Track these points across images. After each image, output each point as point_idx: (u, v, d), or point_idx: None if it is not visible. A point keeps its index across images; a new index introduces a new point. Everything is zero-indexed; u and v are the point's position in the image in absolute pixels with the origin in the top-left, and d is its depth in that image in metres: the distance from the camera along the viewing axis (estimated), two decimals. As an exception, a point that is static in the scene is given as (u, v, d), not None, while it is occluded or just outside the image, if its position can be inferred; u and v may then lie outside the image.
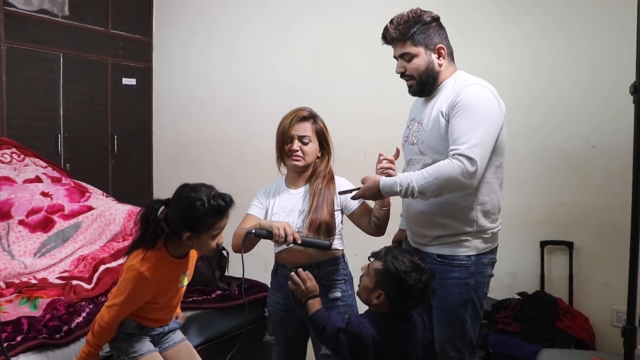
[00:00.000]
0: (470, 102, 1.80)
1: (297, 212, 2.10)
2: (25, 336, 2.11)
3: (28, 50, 3.61)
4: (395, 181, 1.83)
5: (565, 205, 2.99)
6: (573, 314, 2.82)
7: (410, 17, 1.93)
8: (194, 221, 1.75)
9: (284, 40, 3.86)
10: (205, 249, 1.85)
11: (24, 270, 2.76)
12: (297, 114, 2.13)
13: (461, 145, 1.74)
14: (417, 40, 1.92)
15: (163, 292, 1.87)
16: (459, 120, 1.79)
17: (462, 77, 1.96)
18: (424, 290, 1.71)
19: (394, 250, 1.81)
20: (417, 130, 1.99)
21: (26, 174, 3.20)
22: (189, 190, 1.80)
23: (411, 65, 1.95)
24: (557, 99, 2.99)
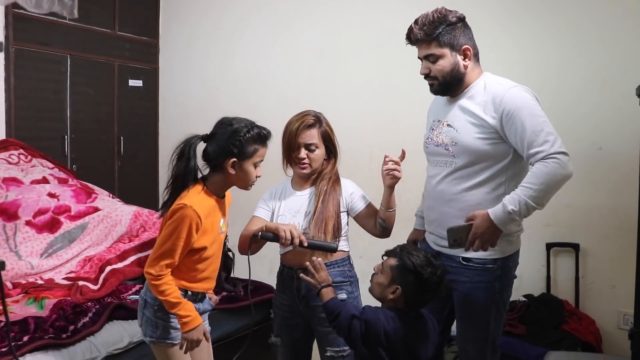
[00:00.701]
0: (521, 104, 1.80)
1: (303, 213, 2.11)
2: (32, 336, 2.13)
3: (36, 52, 3.62)
4: (505, 207, 1.74)
5: (571, 207, 2.97)
6: (579, 316, 2.81)
7: (435, 17, 1.88)
8: (240, 145, 1.81)
9: (289, 42, 3.87)
10: (248, 179, 1.88)
11: (30, 271, 2.78)
12: (304, 122, 2.11)
13: (543, 146, 1.75)
14: (442, 41, 1.88)
15: (208, 233, 1.87)
16: (521, 124, 1.77)
17: (492, 79, 1.94)
18: (438, 284, 1.76)
19: (408, 247, 1.88)
20: (446, 132, 1.95)
21: (33, 175, 3.21)
22: (231, 119, 1.88)
23: (436, 67, 1.91)
24: (563, 101, 2.97)
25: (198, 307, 1.95)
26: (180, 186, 1.84)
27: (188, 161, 1.83)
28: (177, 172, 1.85)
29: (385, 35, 3.48)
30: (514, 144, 1.82)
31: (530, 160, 1.78)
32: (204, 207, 1.83)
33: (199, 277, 1.92)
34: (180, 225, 1.78)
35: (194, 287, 1.92)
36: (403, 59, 3.44)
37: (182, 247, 1.80)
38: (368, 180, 3.37)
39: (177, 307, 1.81)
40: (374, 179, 3.49)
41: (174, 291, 1.82)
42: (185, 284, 1.90)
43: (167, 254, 1.80)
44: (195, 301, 1.94)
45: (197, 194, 1.84)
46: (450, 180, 1.94)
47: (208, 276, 1.96)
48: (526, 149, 1.78)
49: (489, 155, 1.87)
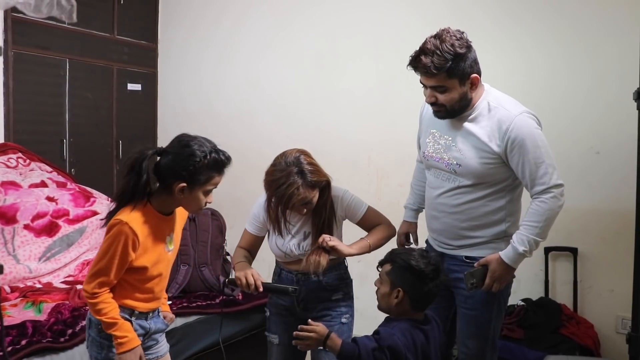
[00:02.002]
0: (526, 135, 1.86)
1: (302, 234, 2.11)
2: (29, 340, 2.12)
3: (35, 55, 3.62)
4: (517, 250, 1.87)
5: (569, 212, 2.92)
6: (577, 320, 2.81)
7: (445, 49, 1.82)
8: (193, 171, 1.68)
9: (287, 46, 3.87)
10: (195, 205, 1.77)
11: (28, 275, 2.78)
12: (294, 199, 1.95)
13: (543, 178, 1.88)
14: (452, 74, 1.85)
15: (150, 252, 1.75)
16: (524, 155, 1.86)
17: (495, 99, 1.95)
18: (436, 271, 1.74)
19: (396, 249, 1.89)
20: (449, 151, 1.98)
21: (32, 178, 3.20)
22: (190, 138, 1.74)
23: (444, 97, 1.90)
24: (560, 104, 2.99)
25: (149, 326, 1.86)
26: (126, 201, 1.72)
27: (138, 177, 1.68)
28: (125, 187, 1.72)
29: (384, 38, 3.50)
30: (515, 170, 1.91)
31: (530, 190, 1.91)
32: (144, 224, 1.71)
33: (144, 297, 1.81)
34: (114, 242, 1.67)
35: (138, 306, 1.81)
36: (401, 63, 3.45)
37: (117, 265, 1.68)
38: (366, 184, 3.39)
39: (113, 327, 1.70)
40: (372, 183, 3.52)
41: (111, 310, 1.70)
42: (131, 302, 1.78)
43: (102, 272, 1.69)
44: (147, 319, 1.85)
45: (138, 211, 1.70)
46: (453, 194, 2.00)
47: (154, 297, 1.84)
48: (528, 180, 1.90)
49: (492, 177, 1.95)
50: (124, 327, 1.72)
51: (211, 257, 2.84)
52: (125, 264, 1.70)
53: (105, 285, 1.70)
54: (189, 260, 2.82)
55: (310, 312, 2.15)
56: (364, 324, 3.28)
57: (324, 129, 3.71)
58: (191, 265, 2.81)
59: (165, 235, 1.81)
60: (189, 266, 2.81)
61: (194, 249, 2.84)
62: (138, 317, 1.82)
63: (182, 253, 2.82)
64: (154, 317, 1.88)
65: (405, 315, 1.76)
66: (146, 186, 1.70)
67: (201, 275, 2.81)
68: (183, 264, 2.81)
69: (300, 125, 3.79)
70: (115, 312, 1.72)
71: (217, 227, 2.93)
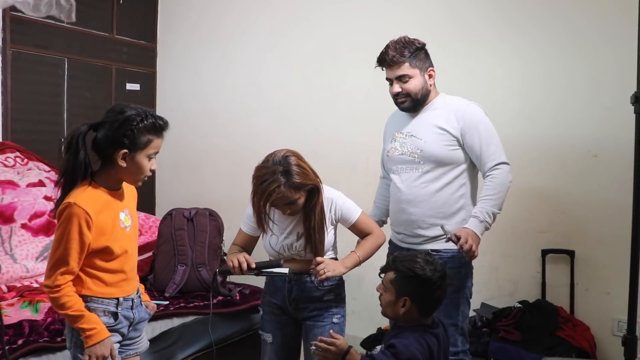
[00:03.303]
0: (478, 119, 2.19)
1: (295, 234, 2.13)
2: (26, 339, 2.13)
3: (33, 55, 3.62)
4: (480, 220, 2.08)
5: (566, 214, 2.99)
6: (574, 322, 2.82)
7: (405, 41, 2.20)
8: (131, 135, 1.67)
9: (287, 46, 3.87)
10: (140, 172, 1.74)
11: (25, 274, 2.78)
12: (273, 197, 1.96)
13: (495, 156, 2.16)
14: (413, 63, 2.20)
15: (107, 231, 1.71)
16: (479, 138, 2.16)
17: (448, 97, 2.29)
18: (442, 278, 1.72)
19: (399, 256, 1.84)
20: (410, 142, 2.25)
21: (29, 178, 3.21)
22: (123, 105, 1.73)
23: (408, 86, 2.21)
24: (558, 108, 3.00)
25: (132, 316, 1.84)
26: (70, 182, 1.69)
27: (77, 153, 1.67)
28: (66, 166, 1.69)
29: (383, 41, 3.49)
30: (469, 151, 2.19)
31: (483, 168, 2.18)
32: (93, 202, 1.67)
33: (117, 279, 1.77)
34: (67, 226, 1.63)
35: (117, 292, 1.78)
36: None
37: (77, 250, 1.64)
38: (364, 187, 3.40)
39: (80, 320, 1.66)
40: (370, 185, 3.52)
41: (75, 303, 1.66)
42: (109, 290, 1.76)
43: (61, 261, 1.64)
44: (132, 308, 1.83)
45: (84, 191, 1.68)
46: (419, 184, 2.23)
47: (126, 277, 1.81)
48: (480, 157, 2.17)
49: (451, 160, 2.20)
50: (91, 319, 1.69)
51: (209, 257, 2.85)
52: (84, 247, 1.66)
53: (67, 275, 1.66)
54: (187, 260, 2.83)
55: (302, 311, 2.18)
56: (361, 325, 3.31)
57: (323, 132, 3.71)
58: (189, 265, 2.82)
59: (118, 212, 1.77)
60: (186, 266, 2.82)
61: (192, 249, 2.85)
62: (123, 306, 1.80)
63: (179, 253, 2.83)
64: (136, 306, 1.86)
65: (414, 321, 1.74)
66: (86, 162, 1.69)
67: (199, 275, 2.81)
68: (181, 264, 2.82)
69: (298, 128, 3.79)
70: (80, 304, 1.68)
71: (215, 227, 2.93)
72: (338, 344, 1.68)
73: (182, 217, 2.93)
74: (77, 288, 1.72)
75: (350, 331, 2.52)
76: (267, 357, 2.25)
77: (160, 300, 2.68)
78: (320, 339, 1.71)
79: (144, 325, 1.95)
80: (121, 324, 1.81)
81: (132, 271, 1.86)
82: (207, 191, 4.16)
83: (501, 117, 3.11)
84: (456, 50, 3.26)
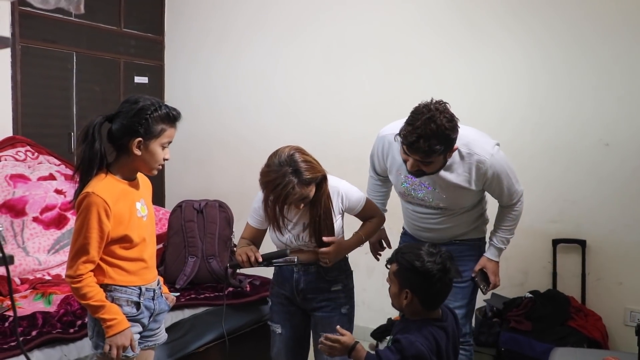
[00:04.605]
0: (500, 172, 2.12)
1: (301, 225, 2.13)
2: (40, 331, 2.15)
3: (42, 49, 3.63)
4: (500, 248, 2.28)
5: (577, 204, 2.98)
6: (586, 312, 2.81)
7: (440, 134, 1.89)
8: (146, 124, 1.72)
9: (296, 38, 3.87)
10: (154, 161, 1.78)
11: (38, 267, 2.81)
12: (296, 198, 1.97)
13: (514, 197, 2.22)
14: (439, 153, 1.95)
15: (125, 220, 1.76)
16: (501, 187, 2.16)
17: (464, 144, 2.06)
18: (443, 270, 1.68)
19: (403, 248, 1.84)
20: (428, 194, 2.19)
21: (40, 171, 3.23)
22: (137, 96, 1.78)
23: (428, 168, 2.01)
24: (569, 96, 2.98)
25: (153, 306, 1.87)
26: (86, 172, 1.73)
27: (92, 143, 1.71)
28: (82, 156, 1.73)
29: (392, 35, 3.49)
30: (490, 193, 2.25)
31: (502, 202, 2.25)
32: (110, 191, 1.72)
33: (137, 267, 1.82)
34: (87, 215, 1.67)
35: (137, 280, 1.81)
36: (409, 61, 3.45)
37: (97, 239, 1.68)
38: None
39: (101, 310, 1.70)
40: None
41: (96, 294, 1.70)
42: (131, 279, 1.80)
43: (82, 250, 1.68)
44: (153, 299, 1.87)
45: (101, 180, 1.72)
46: (438, 219, 2.25)
47: (146, 265, 1.85)
48: (502, 200, 2.24)
49: (472, 202, 2.25)
50: (112, 310, 1.73)
51: (219, 248, 2.85)
52: (103, 236, 1.70)
53: (88, 264, 1.70)
54: (197, 252, 2.83)
55: (310, 302, 2.19)
56: (371, 316, 3.31)
57: (331, 124, 3.71)
58: (199, 257, 2.83)
59: (134, 202, 1.81)
60: (197, 258, 2.82)
61: (202, 241, 2.85)
62: (145, 296, 1.84)
63: (189, 245, 2.84)
64: (157, 297, 1.90)
65: (419, 314, 1.73)
66: (101, 152, 1.73)
67: (209, 266, 2.82)
68: (191, 255, 2.82)
69: (306, 120, 3.79)
70: (101, 294, 1.72)
71: (224, 219, 2.93)
72: (343, 341, 1.68)
73: (191, 209, 2.93)
74: (99, 278, 1.75)
75: (360, 322, 2.56)
76: (276, 347, 2.27)
77: (171, 292, 2.69)
78: (326, 337, 1.72)
79: (163, 317, 1.98)
80: (143, 314, 1.84)
81: (152, 259, 1.90)
82: (216, 183, 4.18)
83: (511, 106, 3.13)
84: (464, 42, 3.24)
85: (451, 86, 3.27)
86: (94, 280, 1.73)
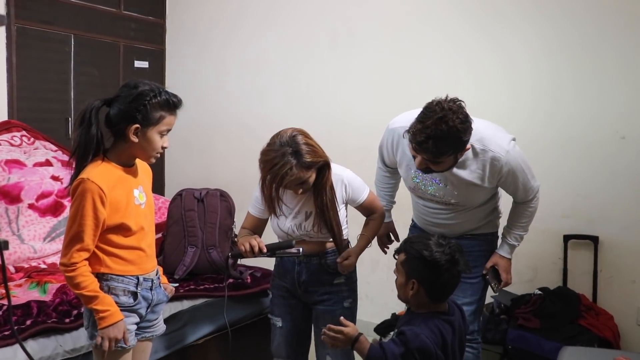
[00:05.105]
0: (516, 167, 2.09)
1: (304, 213, 2.13)
2: (34, 320, 2.16)
3: (39, 30, 3.63)
4: (513, 245, 2.28)
5: (590, 198, 2.96)
6: (597, 311, 2.81)
7: (451, 135, 1.84)
8: (144, 110, 1.71)
9: (301, 23, 3.85)
10: (152, 148, 1.77)
11: (33, 255, 2.82)
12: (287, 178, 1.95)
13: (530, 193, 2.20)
14: (449, 155, 1.92)
15: (121, 207, 1.76)
16: (516, 184, 2.14)
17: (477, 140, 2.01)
18: (452, 261, 1.69)
19: (412, 237, 1.86)
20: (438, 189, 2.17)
21: (36, 157, 3.24)
22: (137, 81, 1.76)
23: (436, 167, 1.97)
24: (584, 86, 2.95)
25: (151, 297, 1.87)
26: (82, 157, 1.73)
27: (89, 127, 1.71)
28: (78, 141, 1.72)
29: (400, 16, 3.47)
30: (504, 189, 2.23)
31: (517, 199, 2.24)
32: (106, 178, 1.72)
33: (135, 255, 1.82)
34: (81, 202, 1.67)
35: (134, 270, 1.81)
36: (419, 44, 3.42)
37: (92, 226, 1.68)
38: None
39: (94, 301, 1.70)
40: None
41: (91, 283, 1.70)
42: (130, 268, 1.80)
43: (76, 238, 1.68)
44: (151, 289, 1.87)
45: (97, 166, 1.72)
46: (449, 214, 2.24)
47: (144, 254, 1.85)
48: (517, 196, 2.22)
49: (486, 198, 2.23)
50: (106, 301, 1.73)
51: (219, 238, 2.86)
52: (99, 224, 1.70)
53: (83, 252, 1.70)
54: (197, 242, 2.84)
55: (312, 295, 2.20)
56: (375, 310, 3.32)
57: (337, 111, 3.70)
58: (199, 247, 2.83)
59: (132, 189, 1.81)
60: (196, 248, 2.83)
61: (202, 231, 2.86)
62: (143, 286, 1.84)
63: (189, 234, 2.84)
64: (155, 287, 1.90)
65: (425, 307, 1.74)
66: (98, 136, 1.72)
67: (209, 257, 2.82)
68: (191, 245, 2.83)
69: (312, 106, 3.79)
70: (95, 285, 1.72)
71: (225, 208, 2.94)
72: (346, 332, 1.68)
73: (192, 198, 2.93)
74: (96, 267, 1.75)
75: (363, 316, 2.54)
76: (276, 341, 2.28)
77: (170, 282, 2.70)
78: (329, 327, 1.72)
79: (161, 308, 1.99)
80: (140, 304, 1.85)
81: (150, 248, 1.89)
82: (218, 172, 4.18)
83: (524, 96, 3.10)
84: (478, 27, 3.23)
85: (461, 74, 3.26)
86: (89, 269, 1.73)
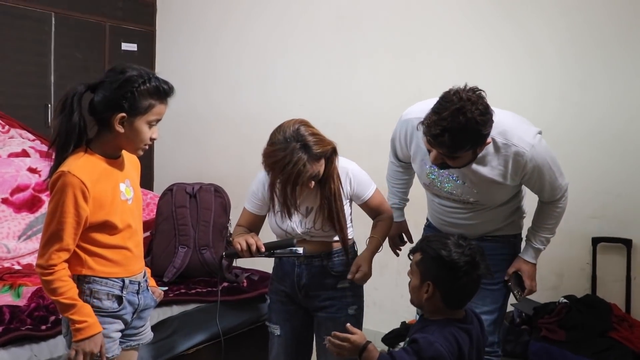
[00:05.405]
0: (542, 163, 2.03)
1: (304, 209, 2.12)
2: (6, 327, 2.12)
3: (15, 7, 3.60)
4: (539, 248, 2.23)
5: (622, 197, 2.93)
6: (631, 322, 2.76)
7: (469, 128, 1.79)
8: (131, 98, 1.67)
9: (304, 5, 3.84)
10: (139, 139, 1.74)
11: (6, 255, 2.78)
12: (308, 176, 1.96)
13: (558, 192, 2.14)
14: (467, 149, 1.87)
15: (106, 203, 1.73)
16: (542, 181, 2.09)
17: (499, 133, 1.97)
18: (472, 264, 1.68)
19: (429, 237, 1.86)
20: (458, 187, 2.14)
21: (11, 147, 3.23)
22: (125, 65, 1.73)
23: (453, 162, 1.93)
24: (616, 73, 2.92)
25: (137, 301, 1.85)
26: (62, 148, 1.69)
27: (71, 115, 1.68)
28: (59, 129, 1.69)
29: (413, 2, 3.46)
30: (529, 188, 2.18)
31: (544, 198, 2.19)
32: (89, 171, 1.68)
33: (122, 256, 1.79)
34: (61, 197, 1.64)
35: (120, 272, 1.79)
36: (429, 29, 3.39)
37: (72, 224, 1.65)
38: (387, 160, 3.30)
39: (71, 309, 1.67)
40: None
41: (68, 290, 1.67)
42: (115, 270, 1.77)
43: (55, 237, 1.65)
44: (137, 293, 1.85)
45: (79, 158, 1.69)
46: (467, 214, 2.20)
47: (131, 254, 1.83)
48: (544, 195, 2.17)
49: (507, 197, 2.19)
50: (84, 311, 1.69)
51: (213, 238, 2.85)
52: (80, 221, 1.67)
53: (62, 253, 1.67)
54: (189, 241, 2.82)
55: (313, 300, 2.18)
56: (382, 318, 3.28)
57: (343, 99, 3.70)
58: (191, 247, 2.82)
59: (118, 183, 1.78)
60: (188, 248, 2.82)
61: (195, 229, 2.85)
62: (129, 289, 1.81)
63: (180, 233, 2.84)
64: (142, 291, 1.88)
65: (439, 313, 1.72)
66: (80, 125, 1.69)
67: (202, 258, 2.81)
68: (182, 245, 2.82)
69: (315, 94, 3.78)
70: (74, 291, 1.69)
71: (220, 205, 2.93)
72: (353, 340, 1.66)
73: (184, 193, 2.93)
74: (77, 268, 1.73)
75: (370, 325, 2.53)
76: (274, 351, 2.26)
77: (159, 285, 2.67)
78: (334, 334, 1.70)
79: (149, 314, 1.97)
80: (125, 309, 1.82)
81: (138, 248, 1.87)
82: (212, 165, 4.19)
83: (551, 86, 3.12)
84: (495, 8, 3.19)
85: (480, 62, 3.22)
86: (68, 273, 1.69)
